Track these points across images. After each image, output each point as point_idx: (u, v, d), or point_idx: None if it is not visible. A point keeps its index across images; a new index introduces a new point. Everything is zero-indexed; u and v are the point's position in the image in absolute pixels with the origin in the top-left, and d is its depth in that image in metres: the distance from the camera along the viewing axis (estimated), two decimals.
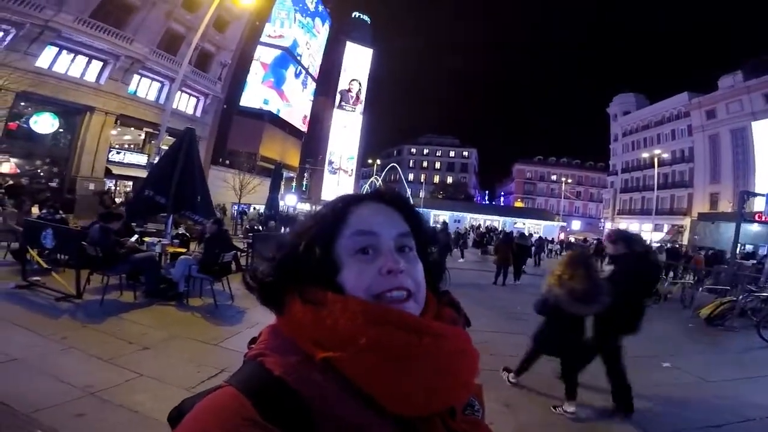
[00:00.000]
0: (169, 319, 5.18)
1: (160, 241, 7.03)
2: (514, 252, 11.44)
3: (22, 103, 17.78)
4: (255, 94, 31.92)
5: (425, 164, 79.41)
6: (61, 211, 8.70)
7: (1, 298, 5.06)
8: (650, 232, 42.66)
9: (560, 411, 3.44)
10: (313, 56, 40.75)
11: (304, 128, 40.70)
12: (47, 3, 17.13)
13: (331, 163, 64.90)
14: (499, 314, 7.42)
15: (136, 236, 7.00)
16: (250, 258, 8.65)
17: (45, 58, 17.97)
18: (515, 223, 38.92)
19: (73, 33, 18.28)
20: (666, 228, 42.52)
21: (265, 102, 32.51)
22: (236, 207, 25.94)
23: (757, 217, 17.23)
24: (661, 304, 9.33)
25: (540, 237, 20.55)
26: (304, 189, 67.62)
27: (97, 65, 20.09)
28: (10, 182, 15.48)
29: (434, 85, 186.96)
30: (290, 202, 53.71)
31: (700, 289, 9.14)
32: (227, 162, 29.04)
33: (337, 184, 64.69)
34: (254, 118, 31.32)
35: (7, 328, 4.11)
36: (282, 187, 48.08)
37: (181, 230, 9.20)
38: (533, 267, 16.77)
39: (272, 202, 16.31)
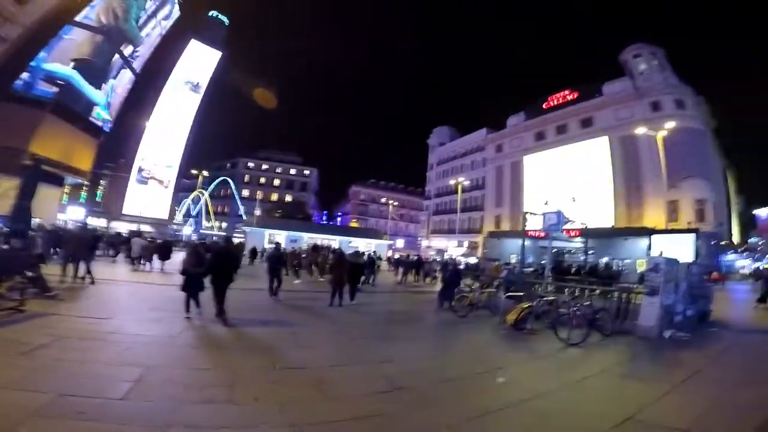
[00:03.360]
0: None
1: None
2: (348, 271, 11.08)
3: None
4: (41, 76, 23.96)
5: (263, 180, 75.40)
6: None
7: None
8: (455, 248, 50.88)
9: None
10: (139, 46, 33.82)
11: (105, 125, 32.67)
12: None
13: (141, 170, 54.11)
14: (340, 341, 7.06)
15: None
16: None
17: None
18: (350, 242, 40.08)
19: None
20: (466, 244, 51.48)
21: (52, 86, 24.81)
22: None
23: (536, 234, 21.92)
24: (473, 312, 10.40)
25: (371, 255, 21.36)
26: (97, 199, 54.01)
27: None
28: None
29: (279, 101, 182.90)
30: (75, 215, 41.81)
31: (503, 296, 10.48)
32: None
33: (147, 196, 54.18)
34: (30, 105, 23.27)
35: None
36: (63, 195, 37.20)
37: None
38: (368, 285, 16.95)
39: (20, 212, 11.74)
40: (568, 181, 41.43)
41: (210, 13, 62.91)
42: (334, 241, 38.96)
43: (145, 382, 3.95)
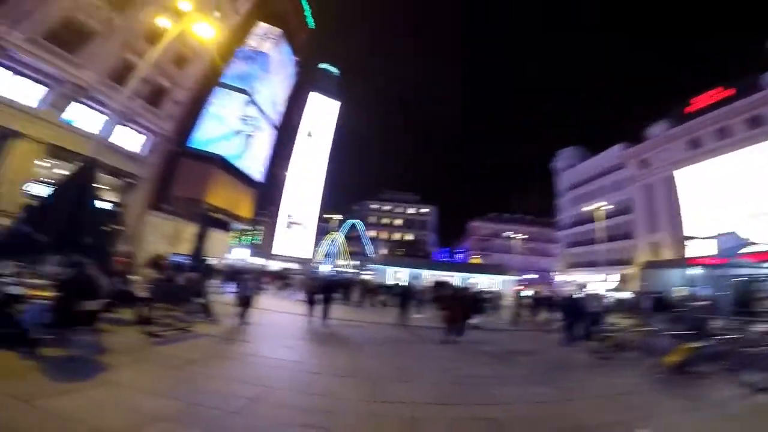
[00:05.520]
0: None
1: (20, 280, 5.59)
2: (461, 307, 10.73)
3: None
4: (208, 136, 30.74)
5: (386, 221, 79.79)
6: None
7: None
8: (600, 282, 44.01)
9: None
10: (274, 103, 40.89)
11: (259, 177, 39.55)
12: (3, 19, 15.64)
13: (289, 216, 63.40)
14: (445, 378, 6.64)
15: None
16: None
17: None
18: (470, 278, 38.76)
19: (21, 53, 16.65)
20: (615, 277, 43.86)
21: (218, 146, 31.32)
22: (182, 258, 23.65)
23: (703, 261, 17.76)
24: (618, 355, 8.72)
25: (483, 291, 20.17)
26: (256, 242, 64.96)
27: (35, 88, 18.00)
28: None
29: (396, 141, 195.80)
30: (240, 255, 51.08)
31: (661, 335, 8.59)
32: (169, 208, 26.79)
33: (291, 239, 62.66)
34: (203, 161, 29.78)
35: None
36: (230, 238, 45.70)
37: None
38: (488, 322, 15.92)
39: (197, 252, 14.90)
40: (741, 195, 32.53)
41: (321, 66, 71.48)
42: (453, 278, 38.13)
43: (259, 401, 4.33)
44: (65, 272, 5.41)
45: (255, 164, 38.30)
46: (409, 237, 76.26)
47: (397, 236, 76.56)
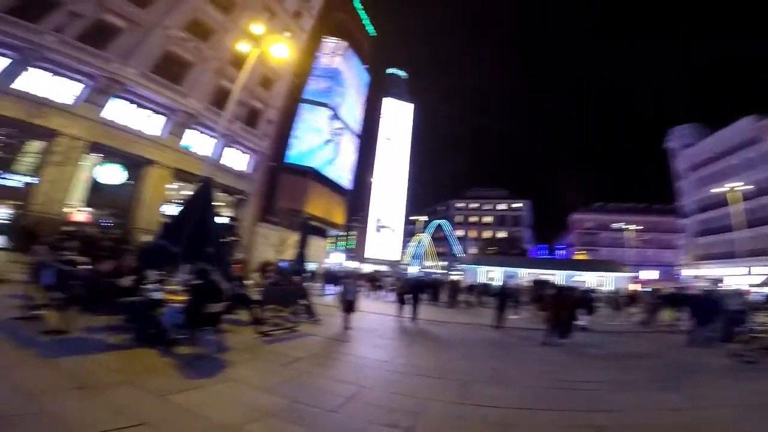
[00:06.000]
0: (138, 364, 4.88)
1: (160, 287, 6.71)
2: (565, 307, 9.87)
3: (95, 154, 19.19)
4: (300, 151, 33.43)
5: (474, 219, 77.39)
6: (68, 252, 8.74)
7: None
8: (740, 276, 36.63)
9: None
10: (353, 113, 42.88)
11: (348, 185, 41.74)
12: (114, 57, 18.97)
13: (378, 220, 65.66)
14: (543, 381, 6.19)
15: (132, 279, 6.70)
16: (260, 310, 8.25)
17: (112, 110, 19.38)
18: (574, 276, 35.43)
19: (136, 86, 19.83)
20: (763, 270, 35.89)
21: (310, 159, 33.84)
22: (286, 263, 26.19)
23: None
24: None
25: (587, 289, 18.07)
26: (350, 247, 68.58)
27: (156, 119, 21.38)
28: (74, 230, 15.97)
29: (478, 136, 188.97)
30: (337, 260, 54.53)
31: None
32: (274, 219, 29.80)
33: (381, 243, 64.59)
34: (299, 174, 32.49)
35: None
36: (327, 244, 48.93)
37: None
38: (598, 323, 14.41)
39: (299, 258, 16.27)
40: None
41: (389, 71, 72.86)
42: (555, 276, 35.29)
43: (355, 400, 4.50)
44: (194, 279, 6.21)
45: (343, 173, 40.53)
46: (502, 234, 72.72)
47: (487, 234, 73.66)
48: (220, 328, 6.24)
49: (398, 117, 70.46)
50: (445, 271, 57.68)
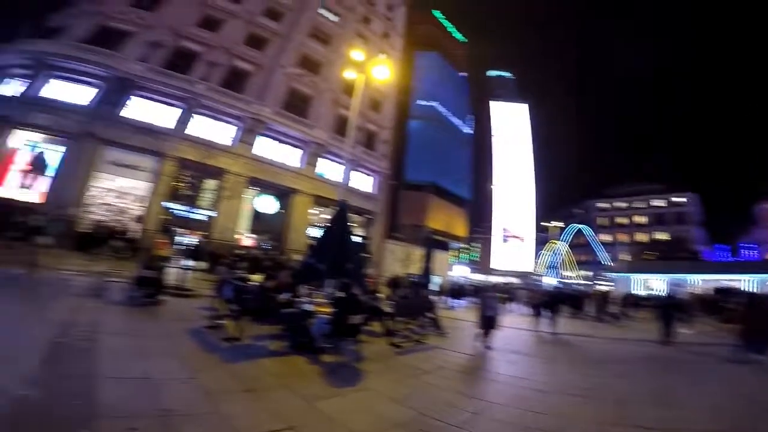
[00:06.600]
0: (292, 369, 5.48)
1: (310, 300, 7.63)
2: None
3: (252, 188, 23.26)
4: (415, 166, 34.44)
5: (621, 221, 66.94)
6: (240, 271, 10.55)
7: (190, 332, 6.60)
8: None
9: None
10: (461, 122, 42.36)
11: (467, 195, 41.10)
12: (252, 98, 22.85)
13: (504, 230, 62.44)
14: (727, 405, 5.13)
15: (289, 294, 7.78)
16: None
17: (260, 147, 23.18)
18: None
19: (274, 123, 23.40)
20: None
21: (425, 173, 34.56)
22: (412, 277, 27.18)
23: None
24: None
25: None
26: (474, 259, 66.39)
27: (294, 152, 24.81)
28: (244, 252, 19.38)
29: (618, 127, 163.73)
30: (461, 272, 53.42)
31: None
32: (399, 236, 31.18)
33: (509, 253, 60.85)
34: (418, 190, 33.44)
35: (166, 354, 5.21)
36: (447, 257, 48.60)
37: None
38: None
39: (425, 271, 16.68)
40: None
41: (491, 74, 68.00)
42: (742, 283, 27.81)
43: (484, 416, 4.31)
44: (338, 292, 6.90)
45: (460, 184, 40.16)
46: (661, 236, 61.03)
47: (641, 237, 62.78)
48: (358, 338, 6.73)
49: (511, 119, 66.57)
50: (590, 282, 51.12)
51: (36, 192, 17.48)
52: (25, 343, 4.53)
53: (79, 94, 18.86)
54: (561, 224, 65.08)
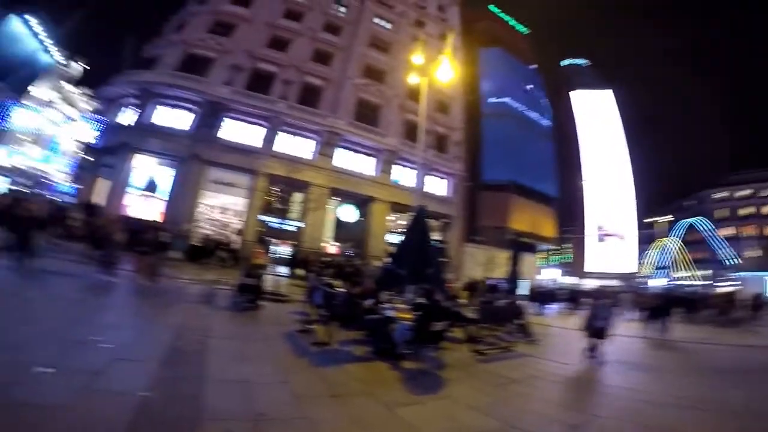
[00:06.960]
0: (374, 375, 5.54)
1: (392, 306, 7.74)
2: None
3: (334, 198, 24.45)
4: (494, 165, 33.08)
5: (746, 211, 56.50)
6: (328, 278, 11.06)
7: (284, 336, 6.98)
8: None
9: None
10: (539, 116, 39.54)
11: (553, 193, 38.22)
12: (326, 112, 24.04)
13: (599, 228, 56.66)
14: None
15: (372, 300, 7.95)
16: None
17: (338, 158, 24.30)
18: None
19: (349, 135, 24.36)
20: None
21: (505, 171, 32.98)
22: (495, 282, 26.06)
23: None
24: None
25: None
26: (566, 261, 60.81)
27: (369, 160, 25.60)
28: (330, 260, 20.37)
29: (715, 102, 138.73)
30: (551, 276, 49.44)
31: None
32: (478, 239, 30.13)
33: (607, 253, 54.81)
34: (498, 190, 32.01)
35: (263, 358, 5.55)
36: (535, 260, 45.48)
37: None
38: None
39: (511, 275, 15.94)
40: None
41: (564, 63, 61.75)
42: None
43: (583, 429, 3.96)
44: (420, 298, 6.86)
45: (545, 181, 37.41)
46: None
47: None
48: (440, 345, 6.63)
49: (596, 108, 60.23)
50: (709, 282, 44.03)
51: (155, 210, 20.27)
52: (149, 347, 5.12)
53: (181, 119, 21.43)
54: (670, 218, 57.01)
